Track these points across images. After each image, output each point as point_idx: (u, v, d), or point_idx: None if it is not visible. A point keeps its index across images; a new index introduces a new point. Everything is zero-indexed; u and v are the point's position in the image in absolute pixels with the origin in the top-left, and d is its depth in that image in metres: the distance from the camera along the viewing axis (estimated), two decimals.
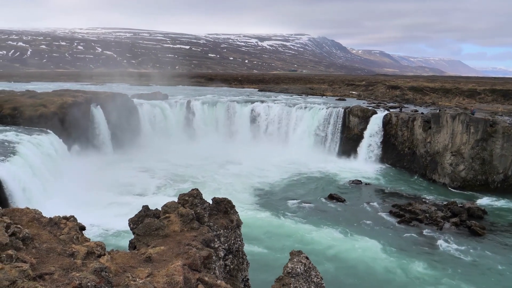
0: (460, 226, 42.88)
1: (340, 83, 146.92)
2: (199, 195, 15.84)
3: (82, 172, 51.33)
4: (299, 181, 58.92)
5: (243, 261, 16.42)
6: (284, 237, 38.83)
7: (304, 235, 39.56)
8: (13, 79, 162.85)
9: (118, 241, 34.53)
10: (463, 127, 57.63)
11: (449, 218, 44.42)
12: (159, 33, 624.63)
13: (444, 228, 42.21)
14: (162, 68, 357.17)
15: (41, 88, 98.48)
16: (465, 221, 43.43)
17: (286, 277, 12.99)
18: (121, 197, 47.26)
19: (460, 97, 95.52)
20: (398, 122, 67.63)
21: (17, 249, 9.55)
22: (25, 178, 39.03)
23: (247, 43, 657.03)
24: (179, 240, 13.08)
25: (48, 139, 51.82)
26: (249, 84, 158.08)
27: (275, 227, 41.26)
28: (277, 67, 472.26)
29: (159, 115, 79.17)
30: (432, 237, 40.33)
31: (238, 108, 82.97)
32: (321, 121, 75.90)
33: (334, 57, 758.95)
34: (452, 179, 57.70)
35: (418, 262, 34.60)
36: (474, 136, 56.76)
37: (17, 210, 12.08)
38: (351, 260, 34.63)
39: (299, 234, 39.88)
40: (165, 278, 10.05)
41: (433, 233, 41.21)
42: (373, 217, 45.54)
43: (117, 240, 35.16)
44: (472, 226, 42.01)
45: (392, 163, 67.52)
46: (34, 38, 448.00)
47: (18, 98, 64.42)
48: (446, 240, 39.50)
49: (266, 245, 36.48)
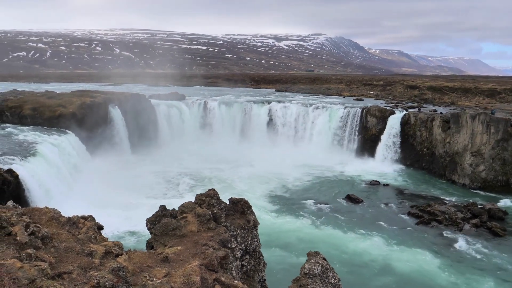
0: (480, 227, 42.27)
1: (358, 83, 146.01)
2: (216, 196, 15.84)
3: (100, 172, 51.75)
4: (316, 182, 58.67)
5: (260, 262, 16.38)
6: (301, 238, 38.68)
7: (321, 236, 39.38)
8: (32, 80, 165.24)
9: (136, 240, 34.75)
10: (483, 127, 56.83)
11: (469, 219, 43.81)
12: (176, 34, 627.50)
13: (464, 230, 41.63)
14: (179, 69, 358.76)
15: (60, 88, 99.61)
16: (485, 223, 42.81)
17: (303, 278, 12.91)
18: (139, 197, 47.53)
19: (480, 97, 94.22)
20: (417, 122, 66.96)
21: (36, 248, 9.63)
22: (45, 178, 39.49)
23: (264, 43, 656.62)
24: (196, 240, 13.09)
25: (67, 139, 52.37)
26: (266, 84, 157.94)
27: (292, 228, 41.13)
28: (294, 67, 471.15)
29: (176, 116, 79.51)
30: (452, 238, 39.82)
31: (255, 108, 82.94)
32: (338, 121, 75.48)
33: (352, 57, 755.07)
34: (472, 179, 56.94)
35: (437, 263, 34.22)
36: (495, 136, 55.94)
37: (36, 210, 12.20)
38: (368, 261, 34.36)
39: (316, 234, 39.70)
40: (182, 278, 10.05)
41: (453, 234, 40.68)
42: (391, 218, 45.13)
43: (135, 239, 35.37)
44: (493, 227, 41.39)
45: (410, 164, 66.86)
46: (53, 39, 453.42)
47: (38, 98, 65.20)
48: (466, 241, 38.97)
49: (283, 246, 36.37)
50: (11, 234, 9.77)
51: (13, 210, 11.23)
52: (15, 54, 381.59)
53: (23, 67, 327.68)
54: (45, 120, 58.71)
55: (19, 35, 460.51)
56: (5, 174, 33.06)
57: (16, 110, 61.08)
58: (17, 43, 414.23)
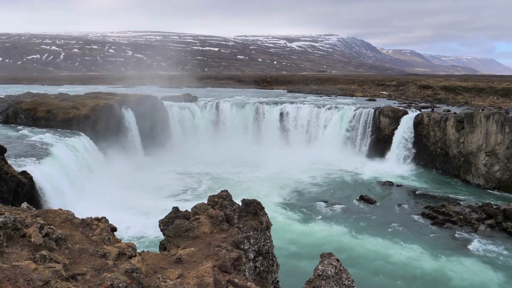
0: (496, 228, 41.86)
1: (370, 83, 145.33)
2: (229, 197, 15.83)
3: (113, 173, 52.04)
4: (328, 182, 58.48)
5: (273, 263, 16.33)
6: (314, 239, 38.57)
7: (334, 237, 39.23)
8: (46, 82, 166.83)
9: (149, 242, 34.87)
10: (497, 127, 56.26)
11: (484, 219, 43.39)
12: (189, 35, 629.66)
13: (479, 230, 41.24)
14: (192, 70, 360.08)
15: (73, 91, 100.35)
16: (500, 223, 42.36)
17: (317, 280, 12.83)
18: (152, 199, 47.71)
19: (494, 96, 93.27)
20: (430, 122, 66.47)
21: (50, 249, 9.67)
22: (58, 179, 39.79)
23: (276, 44, 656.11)
24: (209, 242, 13.07)
25: (80, 141, 52.75)
26: (278, 85, 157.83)
27: (305, 229, 41.03)
28: (306, 68, 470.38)
29: (188, 117, 79.76)
30: (467, 239, 39.45)
31: (267, 109, 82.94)
32: (351, 122, 75.21)
33: (364, 57, 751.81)
34: (486, 180, 56.39)
35: (452, 265, 33.92)
36: (510, 136, 55.33)
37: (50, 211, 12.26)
38: (382, 263, 34.15)
39: (329, 235, 39.57)
40: (196, 280, 10.04)
41: (468, 235, 40.30)
42: (405, 219, 44.83)
43: (148, 241, 35.50)
44: (508, 228, 40.97)
45: (424, 164, 66.37)
46: (67, 42, 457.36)
47: (52, 101, 65.80)
48: (481, 242, 38.58)
49: (296, 247, 36.29)
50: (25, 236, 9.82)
51: (27, 211, 11.29)
52: (29, 57, 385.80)
53: (37, 69, 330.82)
54: (59, 122, 59.20)
55: (33, 38, 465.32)
56: (20, 176, 33.36)
57: (30, 112, 61.70)
58: (31, 46, 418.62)
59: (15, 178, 32.29)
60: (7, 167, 32.45)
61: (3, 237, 9.40)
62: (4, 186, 30.63)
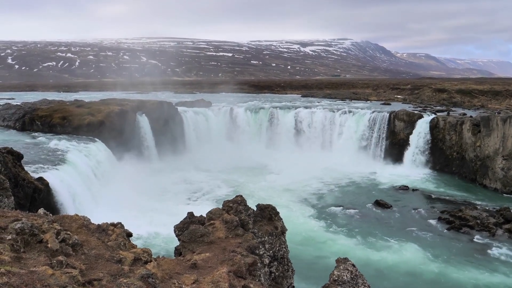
0: None
1: (385, 87, 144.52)
2: (244, 202, 15.83)
3: (128, 179, 52.30)
4: (343, 187, 58.21)
5: (288, 268, 16.28)
6: (329, 244, 38.38)
7: (350, 242, 38.99)
8: (62, 89, 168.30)
9: (164, 247, 34.94)
10: None
11: (502, 224, 42.76)
12: (202, 41, 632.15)
13: (497, 235, 40.68)
14: (206, 76, 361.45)
15: (89, 97, 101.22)
16: None
17: (333, 285, 12.76)
18: (167, 204, 47.86)
19: (510, 99, 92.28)
20: (446, 126, 65.88)
21: (67, 255, 9.74)
22: (75, 185, 40.09)
23: (290, 49, 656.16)
24: (224, 247, 13.08)
25: (95, 147, 53.15)
26: (292, 90, 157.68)
27: (320, 234, 40.85)
28: (320, 73, 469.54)
29: (203, 122, 79.94)
30: (484, 244, 38.94)
31: (281, 114, 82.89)
32: (365, 126, 74.84)
33: (378, 61, 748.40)
34: (504, 184, 55.69)
35: (469, 270, 33.48)
36: None
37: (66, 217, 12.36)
38: (399, 268, 33.84)
39: (344, 240, 39.34)
40: (211, 285, 10.03)
41: (485, 240, 39.78)
42: (421, 223, 44.43)
43: (163, 246, 35.57)
44: None
45: (440, 168, 65.77)
46: (82, 49, 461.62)
47: (67, 107, 66.43)
48: (499, 247, 38.05)
49: (311, 252, 36.12)
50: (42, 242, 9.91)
51: (44, 217, 11.39)
52: (45, 64, 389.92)
53: (53, 76, 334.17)
54: (74, 128, 59.71)
55: (49, 46, 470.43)
56: (36, 182, 33.66)
57: (46, 119, 62.34)
58: (46, 53, 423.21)
59: (31, 184, 32.58)
60: (24, 174, 32.77)
61: (21, 243, 9.49)
62: (21, 192, 30.90)
